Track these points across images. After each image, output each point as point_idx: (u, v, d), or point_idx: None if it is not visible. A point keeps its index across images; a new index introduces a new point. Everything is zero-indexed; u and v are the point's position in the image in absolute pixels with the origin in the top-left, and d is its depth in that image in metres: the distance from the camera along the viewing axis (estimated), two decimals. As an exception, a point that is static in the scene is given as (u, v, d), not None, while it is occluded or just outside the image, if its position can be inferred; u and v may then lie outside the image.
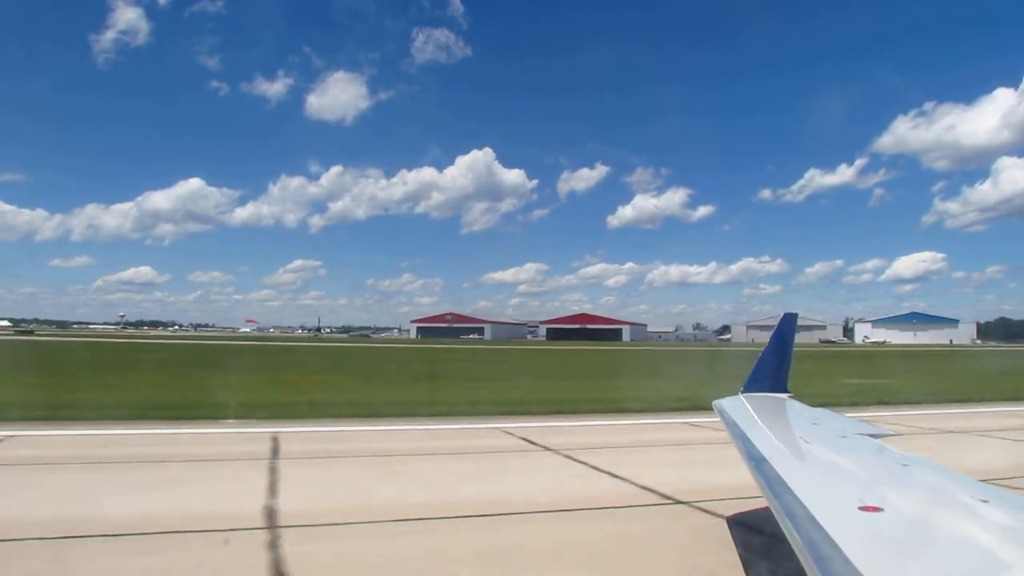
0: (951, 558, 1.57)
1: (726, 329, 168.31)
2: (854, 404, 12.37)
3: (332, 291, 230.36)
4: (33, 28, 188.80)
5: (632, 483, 5.46)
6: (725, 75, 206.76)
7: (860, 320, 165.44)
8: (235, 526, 4.13)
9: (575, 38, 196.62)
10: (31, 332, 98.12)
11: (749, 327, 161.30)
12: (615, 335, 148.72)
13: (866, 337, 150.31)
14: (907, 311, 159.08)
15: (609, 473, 5.89)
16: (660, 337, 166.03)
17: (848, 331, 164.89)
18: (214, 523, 4.18)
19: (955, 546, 1.67)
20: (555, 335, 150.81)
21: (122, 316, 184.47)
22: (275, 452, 6.69)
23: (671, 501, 4.91)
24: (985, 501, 1.96)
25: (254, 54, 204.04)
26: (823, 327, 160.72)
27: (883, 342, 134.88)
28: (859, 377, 23.18)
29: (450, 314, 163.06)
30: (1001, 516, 1.88)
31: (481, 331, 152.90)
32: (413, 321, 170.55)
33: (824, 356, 48.74)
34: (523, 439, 7.84)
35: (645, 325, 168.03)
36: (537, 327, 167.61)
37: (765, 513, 2.21)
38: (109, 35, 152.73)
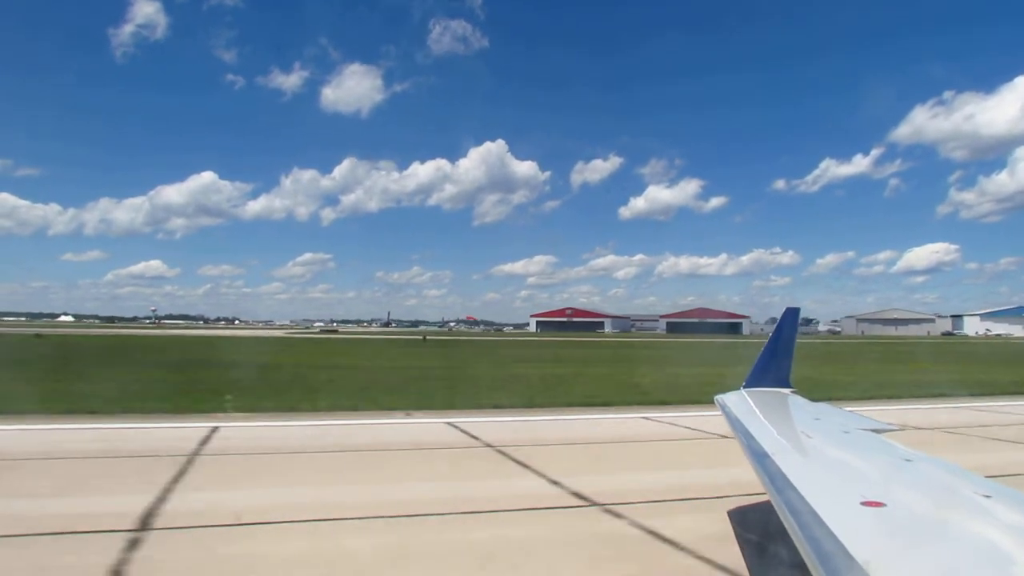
0: (954, 553, 1.46)
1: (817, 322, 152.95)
2: None
3: (341, 284, 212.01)
4: (51, 23, 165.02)
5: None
6: (741, 65, 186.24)
7: (968, 314, 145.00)
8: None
9: (590, 29, 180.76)
10: (335, 331, 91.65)
11: (859, 320, 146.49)
12: (735, 328, 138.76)
13: (988, 330, 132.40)
14: (1016, 305, 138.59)
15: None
16: (762, 330, 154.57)
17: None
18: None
19: (958, 541, 1.55)
20: (673, 328, 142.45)
21: (153, 311, 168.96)
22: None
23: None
24: (988, 497, 1.82)
25: (270, 47, 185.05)
26: (932, 320, 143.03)
27: (1004, 335, 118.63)
28: None
29: (569, 309, 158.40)
30: (1004, 512, 1.74)
31: (601, 325, 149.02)
32: (532, 315, 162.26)
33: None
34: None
35: (749, 317, 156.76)
36: (656, 320, 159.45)
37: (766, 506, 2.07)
38: (127, 29, 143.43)
